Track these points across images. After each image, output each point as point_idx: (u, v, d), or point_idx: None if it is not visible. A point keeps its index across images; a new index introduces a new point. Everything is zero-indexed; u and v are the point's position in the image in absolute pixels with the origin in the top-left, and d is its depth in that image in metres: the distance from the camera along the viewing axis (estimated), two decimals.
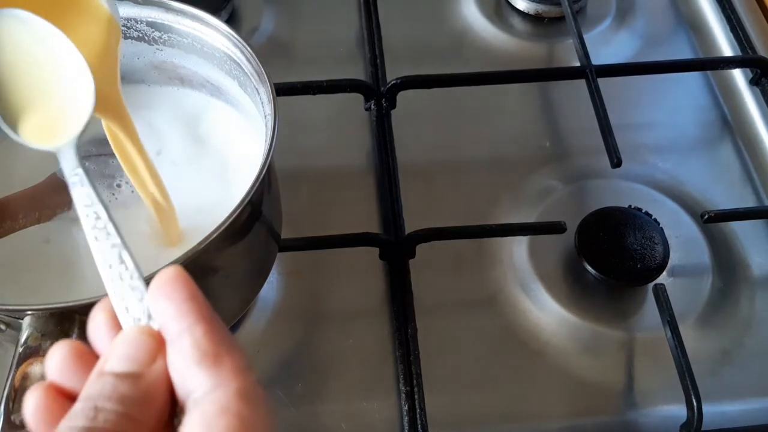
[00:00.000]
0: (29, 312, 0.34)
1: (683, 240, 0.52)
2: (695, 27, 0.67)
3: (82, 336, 0.27)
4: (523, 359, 0.48)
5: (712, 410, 0.44)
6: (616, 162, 0.52)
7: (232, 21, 0.64)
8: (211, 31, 0.44)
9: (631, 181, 0.55)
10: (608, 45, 0.65)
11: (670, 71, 0.61)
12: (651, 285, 0.48)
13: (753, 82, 0.61)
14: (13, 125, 0.33)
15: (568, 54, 0.63)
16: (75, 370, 0.25)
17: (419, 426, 0.44)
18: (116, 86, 0.39)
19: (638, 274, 0.48)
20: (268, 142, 0.37)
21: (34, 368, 0.33)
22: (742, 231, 0.53)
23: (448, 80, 0.57)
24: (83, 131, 0.32)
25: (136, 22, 0.45)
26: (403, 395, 0.45)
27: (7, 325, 0.41)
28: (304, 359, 0.48)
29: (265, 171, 0.36)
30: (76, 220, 0.44)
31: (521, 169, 0.57)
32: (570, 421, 0.46)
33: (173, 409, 0.24)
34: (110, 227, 0.27)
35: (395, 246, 0.50)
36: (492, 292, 0.51)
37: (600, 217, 0.50)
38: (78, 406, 0.23)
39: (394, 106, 0.57)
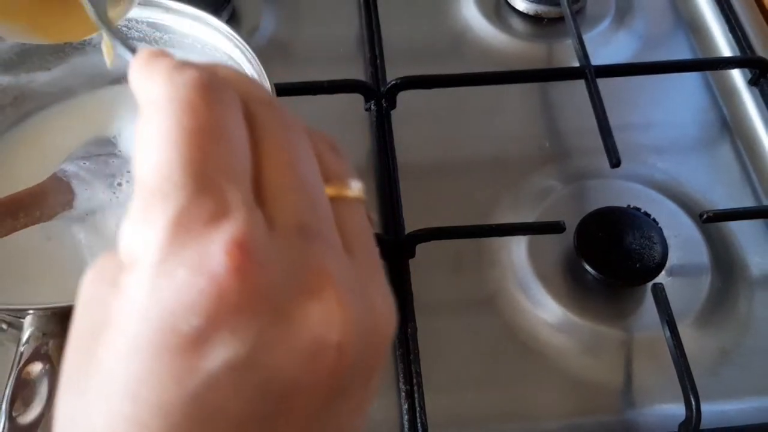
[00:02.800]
0: (31, 311, 0.34)
1: (682, 240, 0.52)
2: (694, 27, 0.67)
3: None
4: (522, 359, 0.48)
5: (710, 409, 0.44)
6: (615, 162, 0.52)
7: (232, 21, 0.64)
8: (211, 32, 0.44)
9: (630, 181, 0.55)
10: (607, 45, 0.65)
11: (669, 71, 0.61)
12: (650, 284, 0.49)
13: (752, 83, 0.61)
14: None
15: (567, 54, 0.63)
16: None
17: (419, 425, 0.44)
18: None
19: (637, 274, 0.48)
20: None
21: (36, 367, 0.33)
22: (741, 231, 0.53)
23: (448, 80, 0.57)
24: None
25: (137, 22, 0.45)
26: (403, 395, 0.45)
27: (9, 324, 0.41)
28: None
29: None
30: (77, 219, 0.45)
31: (521, 169, 0.57)
32: (569, 420, 0.46)
33: None
34: None
35: (395, 246, 0.50)
36: (492, 292, 0.51)
37: (599, 216, 0.50)
38: None
39: (394, 106, 0.57)
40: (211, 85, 0.20)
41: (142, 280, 0.18)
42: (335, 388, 0.20)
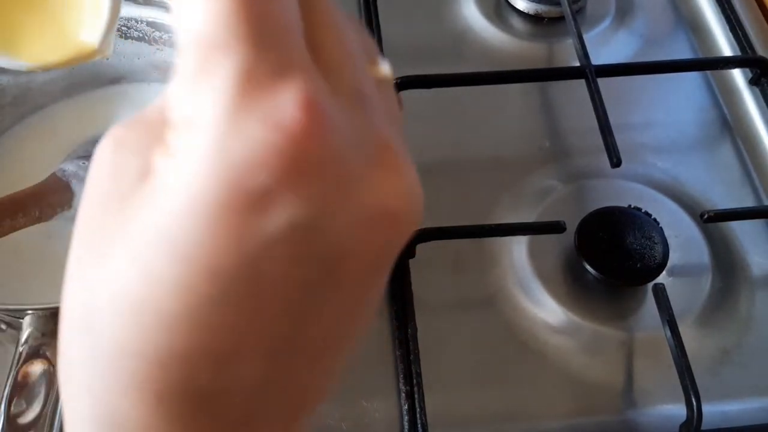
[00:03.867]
0: (29, 312, 0.34)
1: (683, 239, 0.52)
2: (695, 27, 0.67)
3: None
4: (523, 359, 0.48)
5: (711, 409, 0.44)
6: (615, 162, 0.52)
7: None
8: None
9: (631, 180, 0.55)
10: (608, 45, 0.65)
11: (669, 71, 0.61)
12: (650, 284, 0.48)
13: (752, 82, 0.61)
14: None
15: (567, 54, 0.63)
16: None
17: (419, 426, 0.44)
18: None
19: (638, 274, 0.48)
20: None
21: (35, 368, 0.33)
22: (742, 231, 0.53)
23: (449, 80, 0.57)
24: None
25: (136, 22, 0.45)
26: (403, 395, 0.45)
27: (8, 324, 0.41)
28: None
29: None
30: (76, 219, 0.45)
31: (521, 169, 0.57)
32: (570, 420, 0.46)
33: None
34: None
35: None
36: (492, 292, 0.51)
37: (600, 216, 0.50)
38: None
39: None
40: None
41: (207, 136, 0.17)
42: (384, 261, 0.20)
